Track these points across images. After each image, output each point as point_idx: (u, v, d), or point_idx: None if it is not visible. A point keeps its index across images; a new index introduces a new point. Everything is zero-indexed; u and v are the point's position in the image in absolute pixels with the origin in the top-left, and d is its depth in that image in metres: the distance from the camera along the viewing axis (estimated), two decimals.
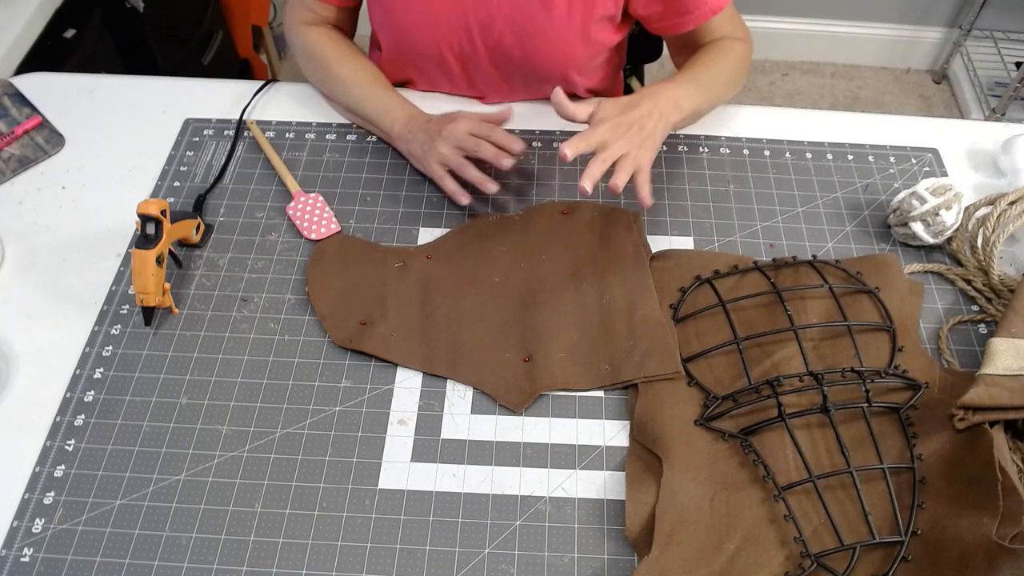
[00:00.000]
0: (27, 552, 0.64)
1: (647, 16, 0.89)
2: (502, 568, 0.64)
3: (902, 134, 0.94)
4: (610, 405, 0.72)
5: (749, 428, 0.69)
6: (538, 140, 0.93)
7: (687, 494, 0.65)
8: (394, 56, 0.95)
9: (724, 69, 0.89)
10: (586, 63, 0.93)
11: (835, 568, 0.62)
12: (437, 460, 0.69)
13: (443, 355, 0.74)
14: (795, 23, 2.26)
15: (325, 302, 0.78)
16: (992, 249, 0.79)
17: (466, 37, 0.89)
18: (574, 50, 0.89)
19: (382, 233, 0.85)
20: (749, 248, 0.83)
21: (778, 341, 0.74)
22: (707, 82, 0.87)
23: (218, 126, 0.94)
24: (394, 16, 0.89)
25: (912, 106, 2.24)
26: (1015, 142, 0.87)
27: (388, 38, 0.92)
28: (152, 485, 0.67)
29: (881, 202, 0.87)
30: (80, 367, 0.74)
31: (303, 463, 0.69)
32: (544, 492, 0.67)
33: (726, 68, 0.89)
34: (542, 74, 0.92)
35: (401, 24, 0.89)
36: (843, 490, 0.66)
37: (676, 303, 0.78)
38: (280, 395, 0.73)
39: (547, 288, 0.78)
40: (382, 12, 0.90)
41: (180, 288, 0.80)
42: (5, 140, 0.91)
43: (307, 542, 0.65)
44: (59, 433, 0.70)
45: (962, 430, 0.66)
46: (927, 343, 0.76)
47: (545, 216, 0.85)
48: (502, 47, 0.89)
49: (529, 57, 0.89)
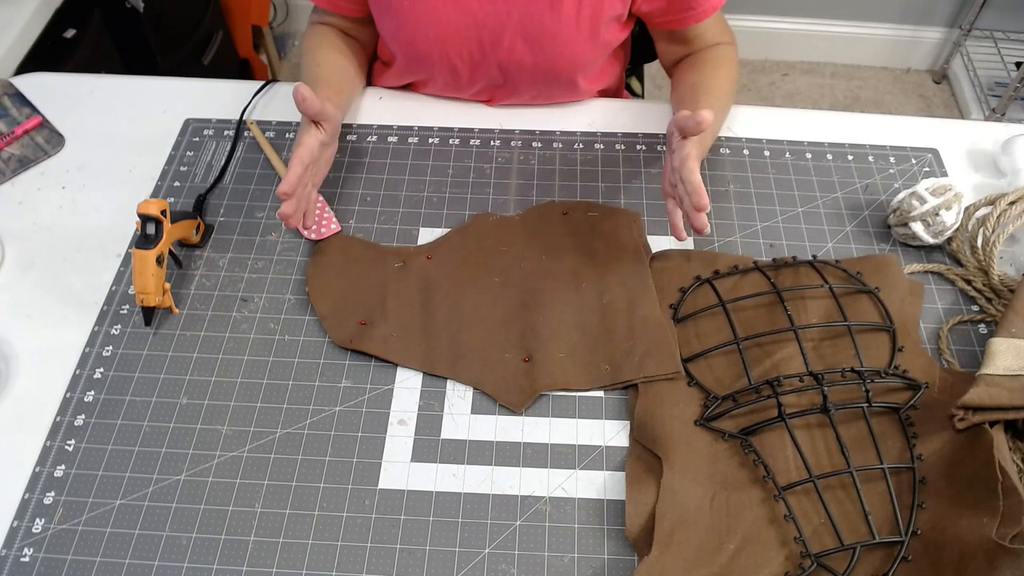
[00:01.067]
0: (27, 552, 0.64)
1: (649, 12, 0.89)
2: (502, 568, 0.64)
3: (902, 134, 0.94)
4: (610, 405, 0.72)
5: (749, 428, 0.69)
6: (538, 140, 0.93)
7: (687, 494, 0.65)
8: (404, 66, 0.95)
9: (726, 84, 0.90)
10: (593, 64, 0.93)
11: (835, 568, 0.62)
12: (437, 460, 0.69)
13: (443, 355, 0.74)
14: (795, 23, 2.26)
15: (325, 302, 0.78)
16: (992, 249, 0.79)
17: (476, 46, 0.89)
18: (583, 52, 0.89)
19: (382, 233, 0.85)
20: (749, 248, 0.83)
21: (778, 341, 0.74)
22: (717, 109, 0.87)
23: (218, 126, 0.94)
24: (404, 29, 0.89)
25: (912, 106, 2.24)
26: (1015, 142, 0.87)
27: (399, 50, 0.92)
28: (152, 485, 0.67)
29: (881, 202, 0.87)
30: (80, 367, 0.74)
31: (303, 463, 0.69)
32: (544, 492, 0.67)
33: (726, 83, 0.91)
34: (551, 77, 0.92)
35: (412, 37, 0.89)
36: (843, 490, 0.66)
37: (676, 303, 0.78)
38: (280, 395, 0.73)
39: (547, 288, 0.78)
40: (392, 26, 0.90)
41: (180, 288, 0.80)
42: (5, 140, 0.91)
43: (307, 542, 0.65)
44: (59, 433, 0.70)
45: (962, 430, 0.66)
46: (927, 343, 0.76)
47: (545, 216, 0.85)
48: (513, 54, 0.89)
49: (539, 62, 0.90)
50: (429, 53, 0.90)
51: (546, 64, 0.90)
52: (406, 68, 0.95)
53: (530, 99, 0.96)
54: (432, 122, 0.95)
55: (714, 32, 0.92)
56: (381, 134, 0.94)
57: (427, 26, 0.88)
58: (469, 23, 0.87)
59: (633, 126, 0.95)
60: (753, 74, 2.31)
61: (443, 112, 0.96)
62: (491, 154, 0.92)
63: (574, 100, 0.97)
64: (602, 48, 0.91)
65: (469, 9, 0.86)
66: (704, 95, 0.87)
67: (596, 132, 0.94)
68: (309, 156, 0.76)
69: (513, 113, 0.96)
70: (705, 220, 0.69)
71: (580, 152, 0.92)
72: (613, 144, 0.93)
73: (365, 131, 0.94)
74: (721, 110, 0.89)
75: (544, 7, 0.85)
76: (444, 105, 0.97)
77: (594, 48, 0.90)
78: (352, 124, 0.95)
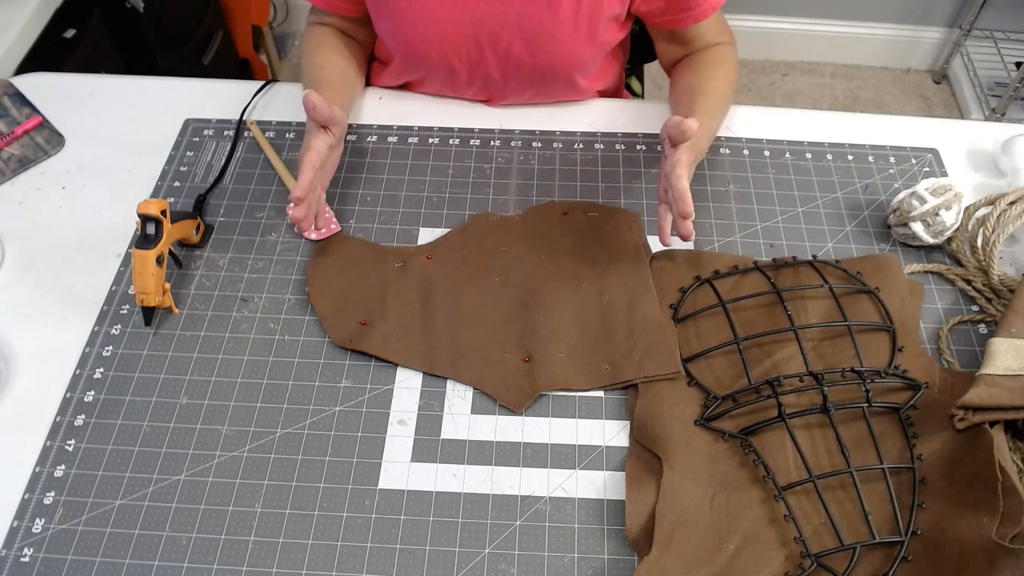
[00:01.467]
0: (27, 552, 0.64)
1: (648, 12, 0.89)
2: (502, 568, 0.64)
3: (902, 134, 0.94)
4: (610, 405, 0.72)
5: (749, 428, 0.69)
6: (538, 140, 0.93)
7: (687, 494, 0.65)
8: (402, 65, 0.95)
9: (723, 85, 0.90)
10: (592, 63, 0.93)
11: (835, 568, 0.62)
12: (437, 460, 0.69)
13: (443, 355, 0.74)
14: (795, 23, 2.26)
15: (325, 302, 0.78)
16: (992, 249, 0.79)
17: (474, 46, 0.89)
18: (582, 52, 0.89)
19: (382, 233, 0.85)
20: (749, 248, 0.83)
21: (778, 341, 0.74)
22: (714, 111, 0.88)
23: (218, 126, 0.94)
24: (402, 31, 0.89)
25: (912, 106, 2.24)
26: (1015, 142, 0.87)
27: (396, 49, 0.92)
28: (152, 485, 0.67)
29: (881, 202, 0.87)
30: (80, 367, 0.74)
31: (303, 463, 0.69)
32: (544, 492, 0.67)
33: (724, 84, 0.90)
34: (549, 76, 0.92)
35: (410, 37, 0.89)
36: (843, 490, 0.66)
37: (676, 303, 0.78)
38: (280, 395, 0.73)
39: (547, 288, 0.78)
40: (390, 27, 0.90)
41: (180, 288, 0.80)
42: (5, 140, 0.91)
43: (307, 542, 0.65)
44: (59, 433, 0.70)
45: (962, 430, 0.66)
46: (927, 343, 0.76)
47: (545, 216, 0.85)
48: (511, 53, 0.89)
49: (537, 61, 0.90)
50: (427, 53, 0.90)
51: (544, 63, 0.90)
52: (404, 67, 0.95)
53: (529, 98, 0.96)
54: (432, 122, 0.95)
55: (713, 32, 0.92)
56: (381, 134, 0.94)
57: (425, 25, 0.88)
58: (467, 22, 0.87)
59: (633, 126, 0.95)
60: (753, 74, 2.31)
61: (443, 112, 0.96)
62: (491, 154, 0.92)
63: (574, 99, 0.97)
64: (600, 48, 0.91)
65: (467, 8, 0.86)
66: (700, 97, 0.87)
67: (596, 132, 0.94)
68: (319, 160, 0.77)
69: (513, 113, 0.96)
70: (690, 227, 0.70)
71: (580, 152, 0.92)
72: (613, 144, 0.93)
73: (365, 131, 0.94)
74: (718, 111, 0.89)
75: (542, 7, 0.85)
76: (444, 105, 0.97)
77: (592, 48, 0.90)
78: (352, 124, 0.95)
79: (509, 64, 0.90)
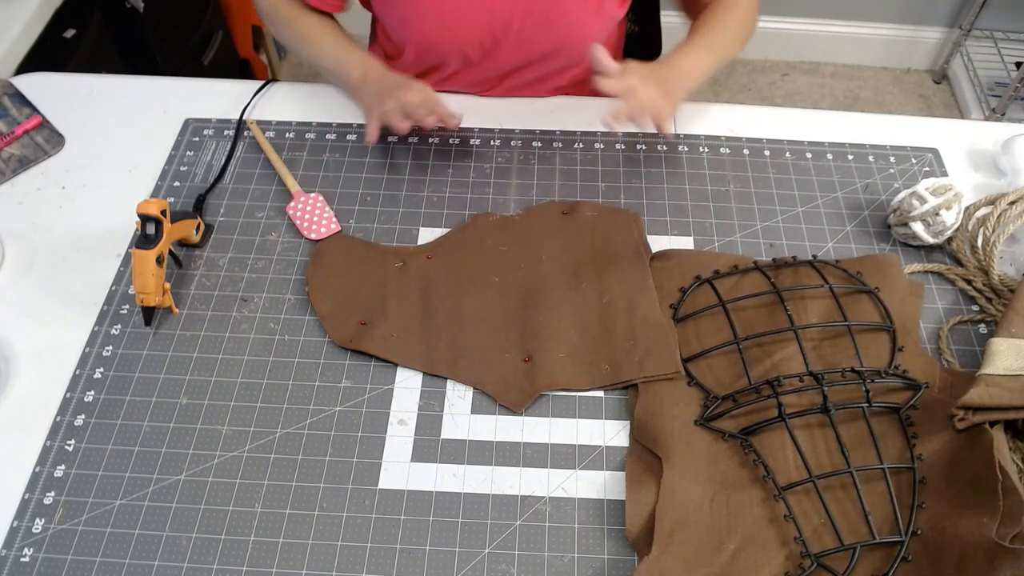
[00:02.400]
0: (27, 552, 0.64)
1: None
2: (502, 568, 0.64)
3: (902, 134, 0.94)
4: (610, 405, 0.72)
5: (749, 428, 0.69)
6: (538, 140, 0.93)
7: (687, 494, 0.65)
8: (416, 57, 0.96)
9: (732, 28, 0.92)
10: (598, 38, 0.94)
11: (835, 568, 0.62)
12: (437, 460, 0.69)
13: (443, 355, 0.74)
14: (795, 23, 2.26)
15: (325, 302, 0.78)
16: (992, 249, 0.79)
17: (487, 33, 0.90)
18: (590, 26, 0.91)
19: (382, 233, 0.85)
20: (749, 248, 0.83)
21: (778, 341, 0.74)
22: (718, 45, 0.90)
23: (218, 126, 0.94)
24: (411, 25, 0.89)
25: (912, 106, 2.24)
26: (1015, 142, 0.87)
27: (409, 40, 0.93)
28: (152, 485, 0.67)
29: (881, 202, 0.87)
30: (80, 367, 0.74)
31: (303, 463, 0.69)
32: (544, 492, 0.67)
33: (734, 27, 0.92)
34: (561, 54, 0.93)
35: (421, 31, 0.90)
36: (843, 490, 0.66)
37: (676, 303, 0.78)
38: (280, 395, 0.73)
39: (547, 288, 0.78)
40: (398, 22, 0.90)
41: (180, 288, 0.80)
42: (5, 140, 0.91)
43: (307, 542, 0.65)
44: (59, 433, 0.70)
45: (962, 430, 0.66)
46: (927, 343, 0.76)
47: (545, 216, 0.85)
48: (522, 36, 0.90)
49: (549, 42, 0.91)
50: (439, 43, 0.91)
51: (556, 42, 0.91)
52: (417, 59, 0.95)
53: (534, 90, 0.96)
54: None
55: None
56: (381, 134, 0.94)
57: (433, 20, 0.88)
58: (475, 7, 0.88)
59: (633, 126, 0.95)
60: (753, 74, 2.31)
61: None
62: (491, 154, 0.92)
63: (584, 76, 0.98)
64: (608, 21, 0.93)
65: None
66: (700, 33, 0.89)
67: (596, 132, 0.94)
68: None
69: (513, 113, 0.96)
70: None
71: (580, 152, 0.92)
72: (613, 144, 0.93)
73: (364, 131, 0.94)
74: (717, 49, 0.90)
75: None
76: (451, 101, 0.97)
77: (600, 20, 0.92)
78: (352, 124, 0.95)
79: (520, 47, 0.91)
